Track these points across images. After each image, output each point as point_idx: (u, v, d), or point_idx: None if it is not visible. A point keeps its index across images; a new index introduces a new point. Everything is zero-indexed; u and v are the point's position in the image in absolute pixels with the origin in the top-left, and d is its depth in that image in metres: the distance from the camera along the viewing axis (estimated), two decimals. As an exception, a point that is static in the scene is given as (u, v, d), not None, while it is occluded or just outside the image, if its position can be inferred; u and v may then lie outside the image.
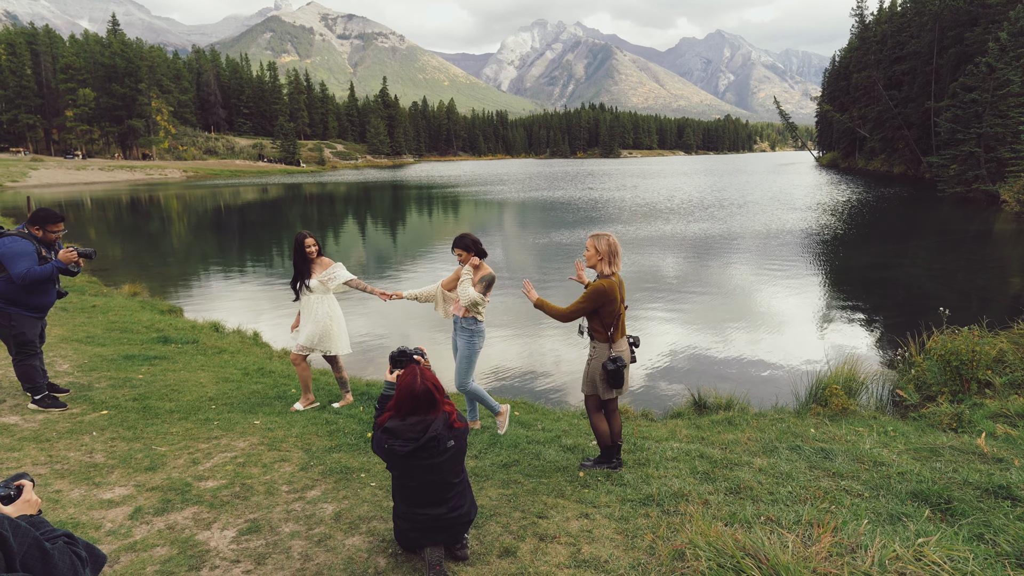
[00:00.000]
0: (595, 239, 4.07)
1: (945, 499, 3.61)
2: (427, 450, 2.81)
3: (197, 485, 3.85)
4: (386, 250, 22.13)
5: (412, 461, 2.82)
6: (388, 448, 2.81)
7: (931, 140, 52.85)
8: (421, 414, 2.87)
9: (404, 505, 2.94)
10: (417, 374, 2.92)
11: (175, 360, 7.26)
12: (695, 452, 4.55)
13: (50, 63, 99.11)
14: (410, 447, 2.78)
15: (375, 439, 2.92)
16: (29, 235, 5.01)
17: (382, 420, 2.94)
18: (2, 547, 1.30)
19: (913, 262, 16.85)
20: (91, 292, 12.31)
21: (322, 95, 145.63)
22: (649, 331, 10.61)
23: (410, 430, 2.82)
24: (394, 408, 2.90)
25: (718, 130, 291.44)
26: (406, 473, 2.86)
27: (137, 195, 51.73)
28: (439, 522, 2.90)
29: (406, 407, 2.87)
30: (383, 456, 2.89)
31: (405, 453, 2.79)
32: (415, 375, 2.92)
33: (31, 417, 5.03)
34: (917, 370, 6.81)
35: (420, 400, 2.87)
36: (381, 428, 2.90)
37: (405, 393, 2.88)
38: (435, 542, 2.93)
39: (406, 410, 2.87)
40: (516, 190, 50.90)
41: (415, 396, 2.87)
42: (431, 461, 2.83)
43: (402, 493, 2.93)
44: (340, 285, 5.42)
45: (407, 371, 2.96)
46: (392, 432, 2.83)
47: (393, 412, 2.90)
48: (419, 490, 2.89)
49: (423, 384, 2.89)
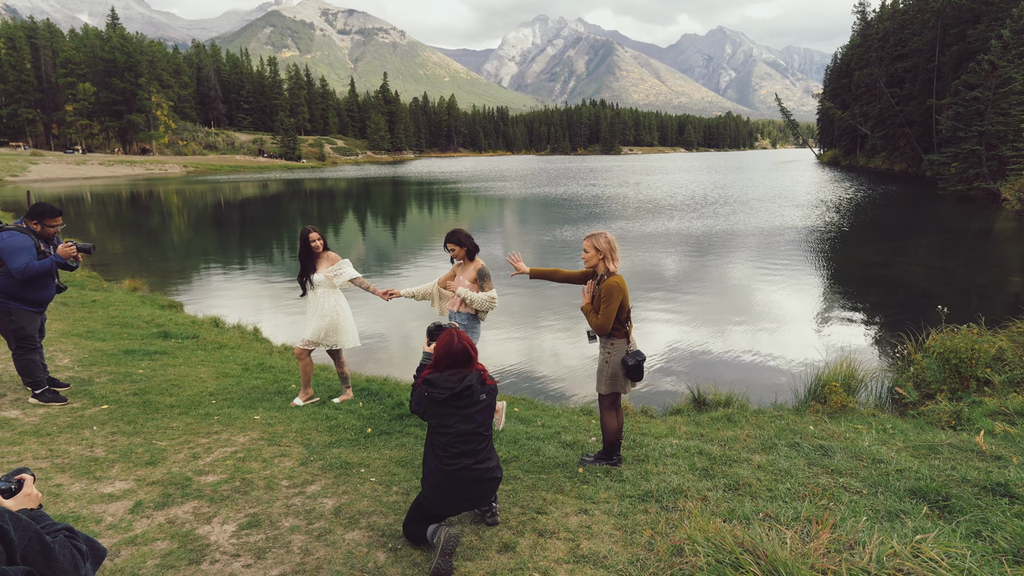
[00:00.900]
0: (593, 239, 4.06)
1: (943, 496, 3.62)
2: (462, 398, 3.11)
3: (197, 479, 3.86)
4: (386, 246, 22.12)
5: (448, 409, 3.10)
6: (428, 396, 3.11)
7: (932, 138, 52.78)
8: (458, 368, 3.19)
9: (437, 460, 3.13)
10: (454, 335, 3.25)
11: (175, 355, 7.27)
12: (694, 449, 4.56)
13: (50, 57, 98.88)
14: (447, 394, 3.08)
15: (415, 393, 3.23)
16: (27, 229, 5.01)
17: (422, 376, 3.25)
18: (3, 540, 1.31)
19: (913, 260, 16.84)
20: (91, 287, 12.31)
21: (322, 90, 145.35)
22: (650, 328, 10.62)
23: (447, 380, 3.13)
24: (433, 364, 3.24)
25: (719, 127, 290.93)
26: (443, 422, 3.11)
27: (137, 190, 51.68)
28: (470, 473, 3.12)
29: (444, 362, 3.19)
30: (422, 405, 3.17)
31: (443, 399, 3.08)
32: (452, 336, 3.25)
33: (31, 411, 5.04)
34: (916, 368, 6.82)
35: (457, 355, 3.19)
36: (421, 381, 3.20)
37: (444, 350, 3.20)
38: (465, 505, 3.19)
39: (444, 364, 3.20)
40: (517, 187, 50.86)
41: (453, 352, 3.19)
42: (466, 411, 3.12)
43: (436, 444, 3.14)
44: (345, 282, 5.44)
45: (445, 334, 3.28)
46: (431, 382, 3.14)
47: (432, 368, 3.24)
48: (455, 439, 3.11)
49: (459, 343, 3.22)
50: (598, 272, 4.10)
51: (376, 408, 5.42)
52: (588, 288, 4.16)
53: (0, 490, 1.59)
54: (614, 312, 3.95)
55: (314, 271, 5.44)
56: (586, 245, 4.09)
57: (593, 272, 4.15)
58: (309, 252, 5.42)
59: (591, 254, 4.05)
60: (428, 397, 3.12)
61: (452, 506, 3.17)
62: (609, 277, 4.00)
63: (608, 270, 4.03)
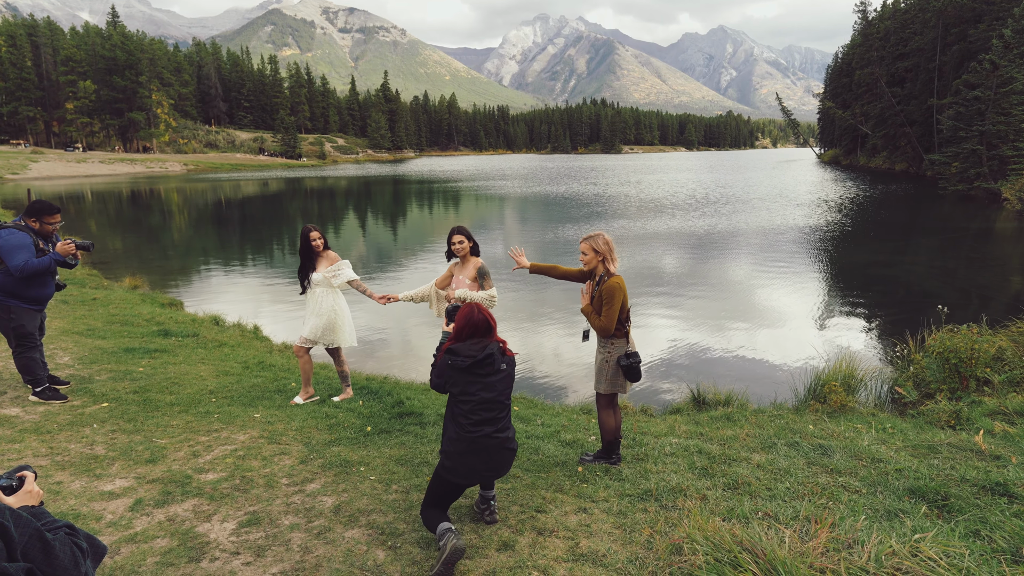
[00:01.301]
0: (591, 241, 4.05)
1: (942, 496, 3.62)
2: (484, 366, 3.18)
3: (197, 477, 3.86)
4: (387, 245, 22.12)
5: (471, 376, 3.18)
6: (451, 364, 3.18)
7: (933, 138, 52.72)
8: (479, 337, 3.27)
9: (458, 428, 3.19)
10: (474, 308, 3.34)
11: (175, 353, 7.28)
12: (693, 448, 4.57)
13: (51, 55, 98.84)
14: (469, 361, 3.16)
15: (438, 365, 3.29)
16: (26, 227, 5.00)
17: (442, 350, 3.32)
18: (3, 537, 1.31)
19: (914, 260, 16.84)
20: (91, 285, 12.32)
21: (323, 89, 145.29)
22: (650, 327, 10.62)
23: (470, 349, 3.21)
24: (455, 335, 3.32)
25: (720, 126, 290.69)
26: (465, 389, 3.18)
27: (137, 188, 51.69)
28: (491, 440, 3.20)
29: (466, 331, 3.28)
30: (444, 376, 3.23)
31: (465, 366, 3.16)
32: (473, 308, 3.34)
33: (32, 409, 5.04)
34: (916, 367, 6.82)
35: (478, 325, 3.28)
36: (444, 351, 3.26)
37: (465, 320, 3.30)
38: (483, 475, 3.25)
39: (466, 334, 3.28)
40: (518, 185, 50.85)
41: (474, 322, 3.29)
42: (487, 379, 3.19)
43: (458, 412, 3.20)
44: (343, 283, 5.45)
45: (465, 307, 3.37)
46: (454, 351, 3.22)
47: (454, 339, 3.31)
48: (477, 406, 3.17)
49: (480, 313, 3.31)
50: (597, 273, 4.09)
51: (376, 407, 5.42)
52: (587, 289, 4.14)
53: (1, 487, 1.59)
54: (616, 313, 3.95)
55: (313, 270, 5.45)
56: (584, 247, 4.07)
57: (591, 272, 4.14)
58: (309, 250, 5.43)
59: (590, 256, 4.05)
60: (451, 365, 3.18)
61: (470, 473, 3.21)
62: (609, 278, 3.98)
63: (608, 271, 4.02)
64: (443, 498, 3.25)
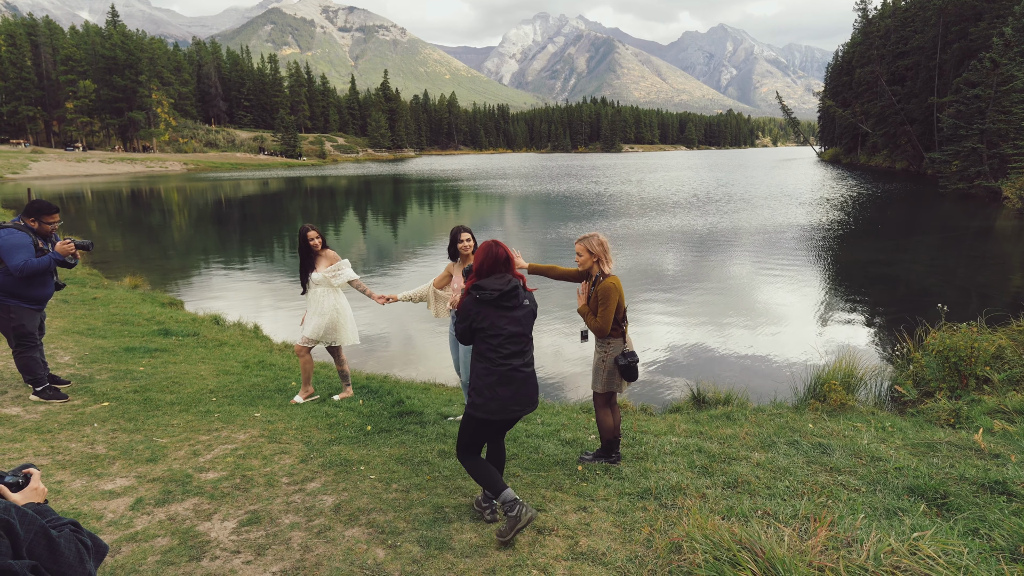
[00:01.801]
0: (585, 242, 4.06)
1: (941, 494, 3.63)
2: (510, 298, 3.23)
3: (198, 476, 3.87)
4: (387, 245, 22.12)
5: (499, 310, 3.23)
6: (479, 297, 3.21)
7: (934, 136, 52.69)
8: (500, 272, 3.27)
9: (487, 363, 3.25)
10: (493, 242, 3.34)
11: (176, 352, 7.28)
12: (693, 446, 4.57)
13: (50, 54, 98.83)
14: (496, 294, 3.20)
15: (463, 305, 3.28)
16: (25, 227, 5.01)
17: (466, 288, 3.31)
18: (9, 534, 1.32)
19: (914, 258, 16.84)
20: (92, 284, 12.33)
21: (323, 88, 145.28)
22: (649, 325, 10.62)
23: (494, 283, 3.23)
24: (476, 271, 3.30)
25: (720, 125, 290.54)
26: (494, 323, 3.23)
27: (138, 187, 51.69)
28: (519, 373, 3.27)
29: (487, 265, 3.27)
30: (472, 313, 3.23)
31: (493, 298, 3.20)
32: (492, 243, 3.33)
33: (33, 408, 5.05)
34: (916, 366, 6.82)
35: (499, 259, 3.28)
36: (470, 288, 3.26)
37: (485, 254, 3.28)
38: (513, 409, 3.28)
39: (487, 269, 3.27)
40: (519, 184, 50.83)
41: (494, 255, 3.28)
42: (513, 312, 3.25)
43: (486, 348, 3.25)
44: (343, 283, 5.46)
45: (485, 243, 3.35)
46: (480, 286, 3.23)
47: (476, 274, 3.30)
48: (505, 340, 3.24)
49: (499, 247, 3.31)
50: (592, 274, 4.10)
51: (376, 406, 5.43)
52: (583, 290, 4.15)
53: (8, 484, 1.60)
54: (612, 314, 3.97)
55: (313, 269, 5.46)
56: (579, 248, 4.08)
57: (587, 273, 4.15)
58: (308, 250, 5.44)
59: (584, 257, 4.05)
60: (479, 299, 3.21)
61: (502, 407, 3.25)
62: (604, 279, 3.99)
63: (603, 272, 4.03)
64: (474, 439, 3.35)
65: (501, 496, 3.23)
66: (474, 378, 3.30)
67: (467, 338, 3.33)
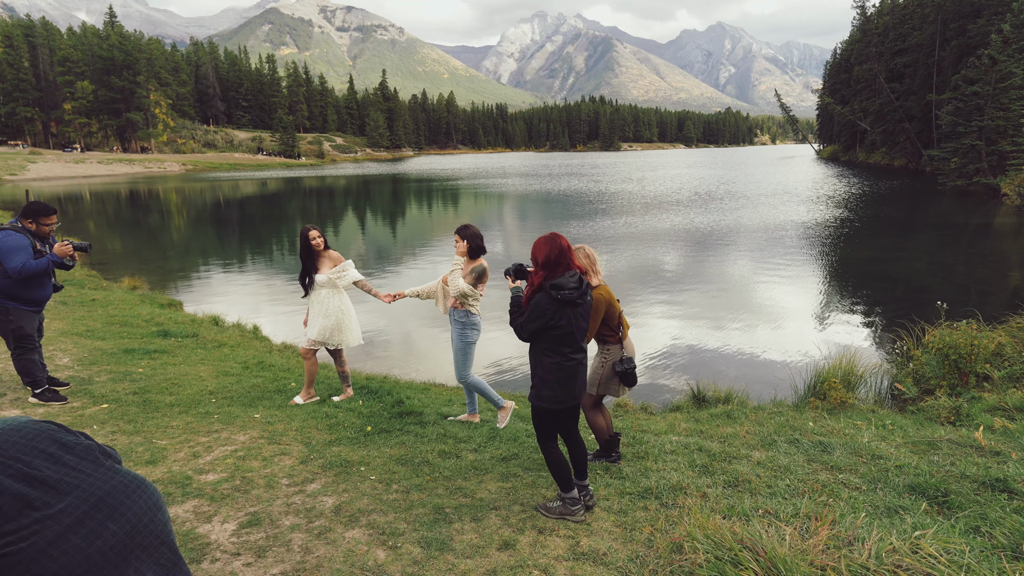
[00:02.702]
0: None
1: (942, 492, 3.63)
2: (583, 294, 3.30)
3: (198, 478, 3.86)
4: (386, 244, 22.11)
5: (571, 308, 3.28)
6: (560, 298, 3.22)
7: (932, 133, 52.72)
8: (564, 262, 3.28)
9: (558, 357, 3.32)
10: (556, 234, 3.32)
11: (175, 354, 7.27)
12: (694, 445, 4.57)
13: (47, 56, 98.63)
14: (576, 294, 3.25)
15: (537, 304, 3.26)
16: (23, 229, 4.99)
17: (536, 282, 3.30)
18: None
19: (913, 256, 16.84)
20: (90, 286, 12.31)
21: (321, 88, 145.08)
22: (649, 324, 10.62)
23: (569, 280, 3.26)
24: (544, 266, 3.27)
25: (719, 123, 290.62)
26: (569, 321, 3.28)
27: (136, 188, 51.63)
28: (582, 366, 3.39)
29: (554, 257, 3.26)
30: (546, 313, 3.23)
31: (573, 298, 3.23)
32: (553, 236, 3.31)
33: (32, 411, 5.04)
34: (916, 364, 6.82)
35: (564, 251, 3.29)
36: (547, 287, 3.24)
37: (550, 246, 3.27)
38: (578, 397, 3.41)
39: (554, 260, 3.26)
40: (519, 183, 50.81)
41: (560, 247, 3.28)
42: (580, 309, 3.33)
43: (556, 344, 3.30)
44: (348, 284, 5.43)
45: (545, 237, 3.32)
46: (558, 286, 3.24)
47: (546, 272, 3.28)
48: (569, 334, 3.30)
49: (563, 239, 3.30)
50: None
51: (376, 406, 5.42)
52: None
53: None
54: (597, 325, 4.05)
55: (316, 271, 5.43)
56: None
57: None
58: (310, 251, 5.40)
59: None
60: (560, 299, 3.21)
61: (572, 397, 3.37)
62: (592, 290, 4.00)
63: (590, 284, 4.03)
64: (550, 428, 3.44)
65: (568, 494, 3.43)
66: (542, 372, 3.35)
67: (535, 335, 3.34)
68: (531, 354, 3.44)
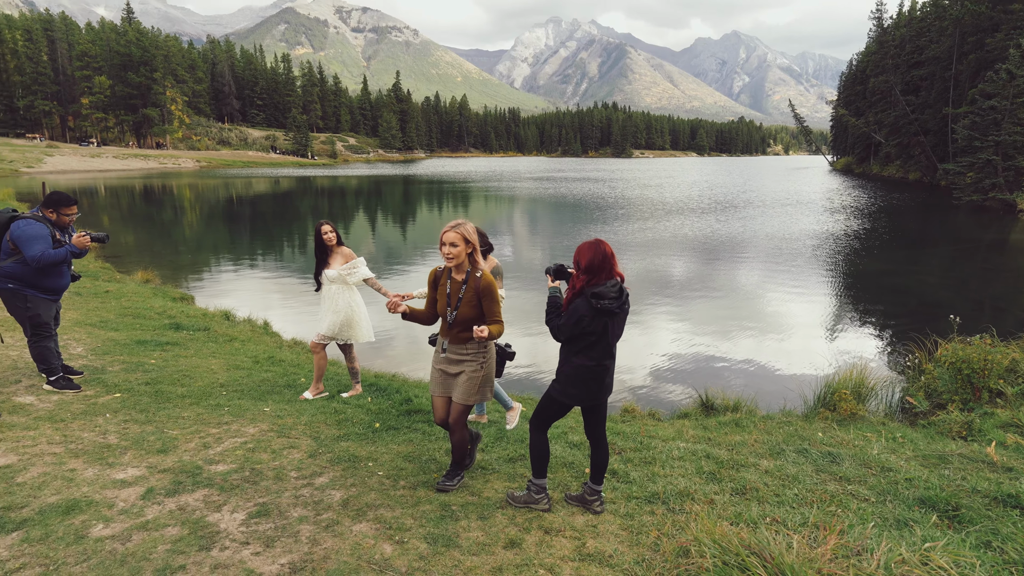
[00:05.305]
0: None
1: (953, 506, 3.60)
2: (623, 304, 3.29)
3: (208, 468, 3.90)
4: (396, 244, 22.20)
5: (608, 316, 3.27)
6: (601, 307, 3.21)
7: (948, 147, 52.25)
8: (608, 271, 3.26)
9: (587, 360, 3.34)
10: (599, 240, 3.30)
11: (187, 346, 7.34)
12: (701, 452, 4.56)
13: (66, 50, 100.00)
14: (616, 303, 3.24)
15: (575, 309, 3.27)
16: (43, 218, 5.08)
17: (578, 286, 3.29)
18: None
19: (926, 270, 16.70)
20: (104, 278, 12.45)
21: (335, 88, 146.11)
22: (657, 332, 10.60)
23: (611, 290, 3.25)
24: (587, 272, 3.26)
25: (731, 132, 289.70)
26: (606, 329, 3.30)
27: (150, 184, 52.15)
28: (608, 372, 3.42)
29: (597, 262, 3.24)
30: (586, 319, 3.23)
31: (612, 308, 3.23)
32: (599, 240, 3.29)
33: (46, 398, 5.11)
34: (927, 377, 6.77)
35: (608, 257, 3.26)
36: (588, 293, 3.23)
37: (593, 252, 3.25)
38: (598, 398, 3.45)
39: (597, 266, 3.24)
40: (532, 187, 50.87)
41: (606, 255, 3.25)
42: (616, 318, 3.32)
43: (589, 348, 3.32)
44: (358, 281, 5.48)
45: (589, 243, 3.29)
46: (600, 294, 3.23)
47: (588, 277, 3.26)
48: (604, 341, 3.32)
49: (606, 245, 3.28)
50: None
51: (384, 403, 5.45)
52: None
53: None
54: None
55: (327, 266, 5.48)
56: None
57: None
58: (322, 246, 5.47)
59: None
60: (601, 308, 3.21)
61: (591, 398, 3.43)
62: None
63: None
64: (553, 418, 3.52)
65: (539, 481, 3.50)
66: (569, 370, 3.38)
67: (571, 338, 3.35)
68: (562, 351, 3.46)
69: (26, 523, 3.14)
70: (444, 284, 3.64)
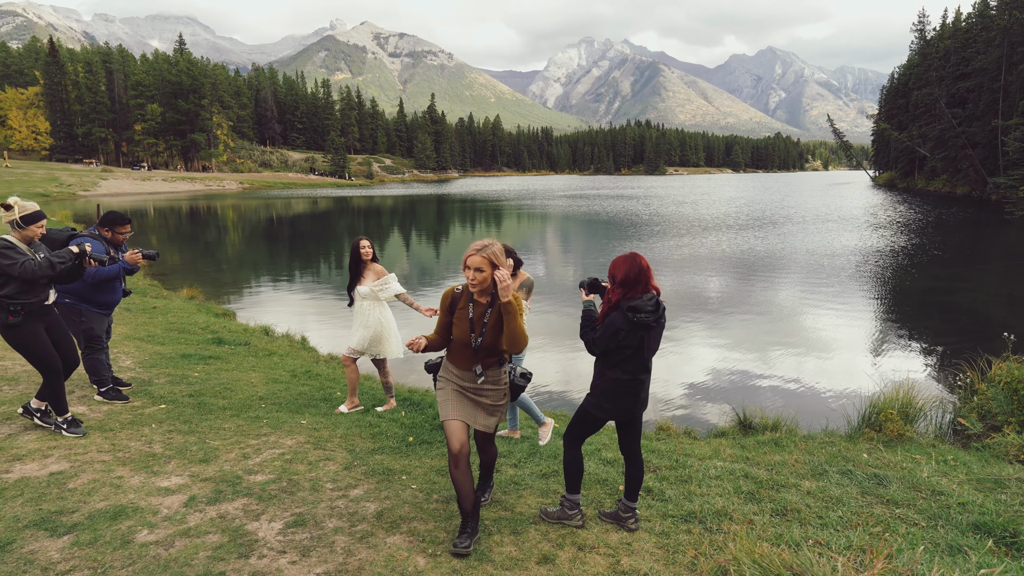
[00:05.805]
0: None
1: (1011, 532, 3.41)
2: (660, 317, 3.28)
3: (247, 478, 3.99)
4: (429, 261, 22.48)
5: (644, 330, 3.25)
6: (638, 320, 3.20)
7: (998, 160, 50.32)
8: (643, 285, 3.25)
9: (623, 374, 3.33)
10: (636, 254, 3.30)
11: (228, 360, 7.55)
12: (739, 472, 4.44)
13: (122, 80, 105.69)
14: (652, 317, 3.22)
15: (611, 322, 3.25)
16: (99, 236, 5.36)
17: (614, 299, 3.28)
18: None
19: (976, 286, 16.01)
20: (152, 295, 12.96)
21: (372, 111, 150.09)
22: (693, 348, 10.41)
23: (648, 303, 3.23)
24: (623, 285, 3.26)
25: (768, 148, 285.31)
26: (641, 343, 3.29)
27: (196, 205, 54.25)
28: (643, 386, 3.41)
29: (632, 274, 3.24)
30: (622, 333, 3.22)
31: (648, 321, 3.21)
32: (635, 254, 3.29)
33: (96, 408, 5.32)
34: (980, 398, 6.45)
35: (644, 270, 3.25)
36: (624, 307, 3.22)
37: (630, 265, 3.24)
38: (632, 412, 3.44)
39: (633, 280, 3.24)
40: (565, 204, 50.98)
41: (642, 268, 3.24)
42: (652, 332, 3.31)
43: (624, 361, 3.31)
44: (390, 296, 5.58)
45: (626, 256, 3.29)
46: (636, 307, 3.21)
47: (624, 290, 3.26)
48: (640, 355, 3.31)
49: (642, 258, 3.27)
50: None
51: (418, 418, 5.49)
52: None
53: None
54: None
55: (359, 280, 5.61)
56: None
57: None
58: (358, 260, 5.60)
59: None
60: (638, 322, 3.20)
61: (625, 412, 3.43)
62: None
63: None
64: (587, 432, 3.52)
65: (572, 496, 3.48)
66: (604, 383, 3.38)
67: (604, 350, 3.35)
68: (597, 365, 3.45)
69: (76, 527, 3.26)
70: (465, 308, 3.31)
